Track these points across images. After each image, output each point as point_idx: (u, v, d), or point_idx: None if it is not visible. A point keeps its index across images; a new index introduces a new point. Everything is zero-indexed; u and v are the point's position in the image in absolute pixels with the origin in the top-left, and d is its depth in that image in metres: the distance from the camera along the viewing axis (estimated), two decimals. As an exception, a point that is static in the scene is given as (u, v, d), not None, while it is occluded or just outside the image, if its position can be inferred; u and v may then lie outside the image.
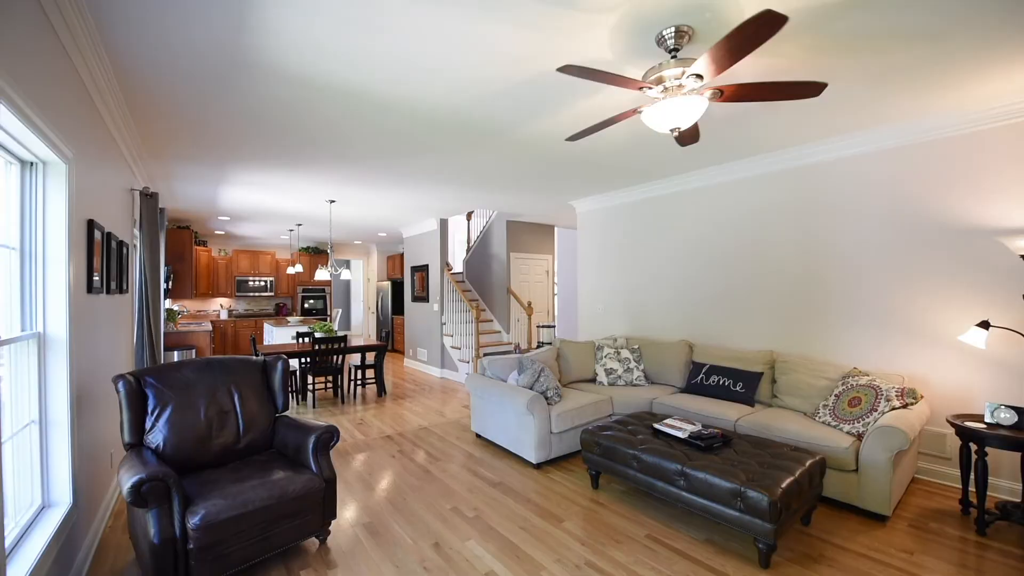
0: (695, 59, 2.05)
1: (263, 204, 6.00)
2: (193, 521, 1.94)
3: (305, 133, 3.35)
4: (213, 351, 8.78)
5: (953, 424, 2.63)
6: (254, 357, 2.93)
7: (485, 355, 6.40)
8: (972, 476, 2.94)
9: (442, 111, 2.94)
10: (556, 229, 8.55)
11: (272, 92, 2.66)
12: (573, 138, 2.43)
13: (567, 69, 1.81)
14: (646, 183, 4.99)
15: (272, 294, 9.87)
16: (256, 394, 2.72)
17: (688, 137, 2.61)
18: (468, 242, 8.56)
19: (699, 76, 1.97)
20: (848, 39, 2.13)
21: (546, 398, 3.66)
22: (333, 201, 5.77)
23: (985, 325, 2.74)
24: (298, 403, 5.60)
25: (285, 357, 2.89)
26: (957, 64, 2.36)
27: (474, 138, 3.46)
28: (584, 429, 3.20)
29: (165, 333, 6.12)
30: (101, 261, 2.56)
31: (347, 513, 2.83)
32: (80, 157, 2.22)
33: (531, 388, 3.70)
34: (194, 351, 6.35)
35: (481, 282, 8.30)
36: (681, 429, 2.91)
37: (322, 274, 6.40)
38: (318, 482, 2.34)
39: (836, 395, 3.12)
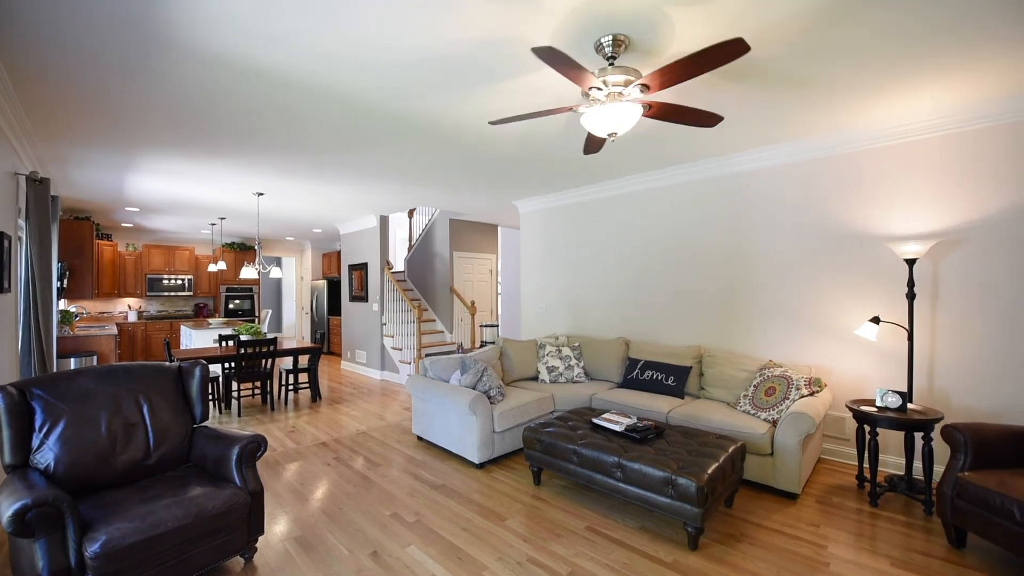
0: (635, 68, 2.14)
1: (180, 195, 5.48)
2: (92, 549, 1.73)
3: (228, 120, 3.10)
4: (119, 357, 7.90)
5: (850, 408, 2.95)
6: (168, 363, 2.66)
7: (427, 356, 6.29)
8: (866, 454, 3.32)
9: (376, 101, 2.84)
10: (500, 229, 8.58)
11: (190, 74, 2.43)
12: (498, 122, 2.42)
13: (541, 51, 1.77)
14: (585, 186, 5.14)
15: (191, 294, 9.05)
16: (170, 404, 2.48)
17: (595, 146, 2.73)
18: (410, 240, 8.36)
19: (646, 86, 2.06)
20: (760, 65, 2.33)
21: (489, 397, 3.65)
22: (261, 194, 5.39)
23: (876, 320, 3.10)
24: (221, 412, 5.18)
25: (204, 362, 2.65)
26: (851, 91, 2.65)
27: (412, 131, 3.38)
28: (527, 427, 3.23)
29: (59, 338, 5.41)
30: (-27, 256, 2.20)
31: (277, 528, 2.65)
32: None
33: (474, 388, 3.67)
34: (95, 358, 5.67)
35: (423, 281, 8.14)
36: (618, 423, 3.02)
37: (249, 272, 5.95)
38: (243, 496, 2.17)
39: (755, 386, 3.39)
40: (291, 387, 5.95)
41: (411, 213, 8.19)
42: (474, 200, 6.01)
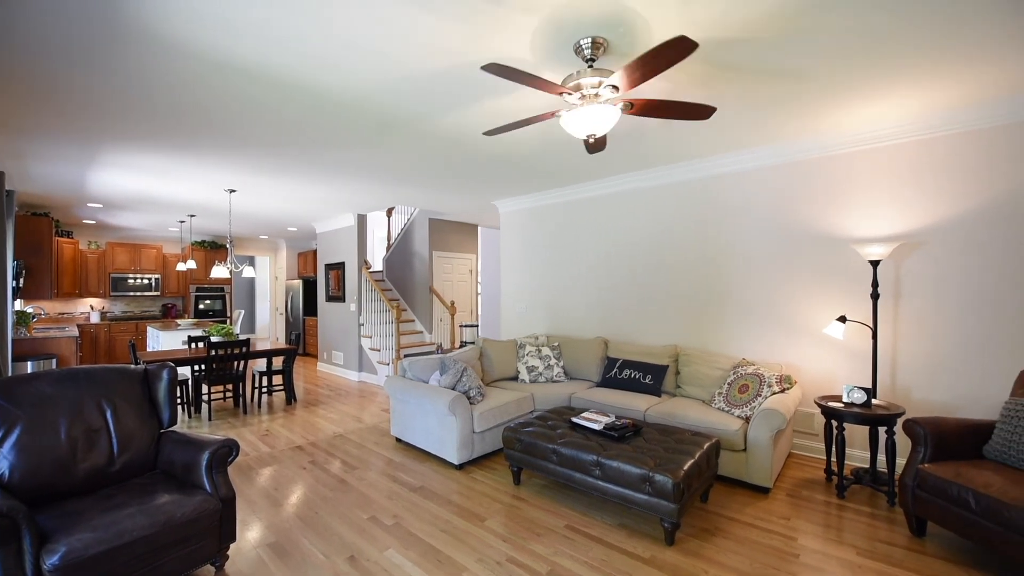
0: (611, 70, 2.16)
1: (147, 191, 5.27)
2: (51, 561, 1.65)
3: (201, 114, 3.00)
4: (81, 360, 7.57)
5: (819, 404, 3.05)
6: (133, 366, 2.56)
7: (406, 356, 6.22)
8: (834, 448, 3.44)
9: (357, 99, 2.79)
10: (480, 228, 8.56)
11: (157, 65, 2.34)
12: (491, 133, 2.43)
13: (490, 67, 1.81)
14: (565, 187, 5.17)
15: (158, 294, 8.72)
16: (135, 408, 2.38)
17: (597, 145, 2.76)
18: (389, 239, 8.26)
19: (615, 87, 2.08)
20: (731, 71, 2.39)
21: (469, 398, 3.64)
22: (234, 191, 5.24)
23: (843, 319, 3.21)
24: (190, 416, 5.01)
25: (172, 365, 2.56)
26: (820, 98, 2.74)
27: (392, 130, 3.34)
28: (506, 427, 3.23)
29: (14, 340, 5.14)
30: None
31: (249, 534, 2.58)
32: None
33: (453, 388, 3.65)
34: (54, 361, 5.41)
35: (402, 281, 8.05)
36: (597, 421, 3.05)
37: (220, 271, 5.77)
38: (213, 503, 2.11)
39: (729, 383, 3.47)
40: (265, 390, 5.80)
41: (390, 212, 8.09)
42: (454, 200, 5.98)
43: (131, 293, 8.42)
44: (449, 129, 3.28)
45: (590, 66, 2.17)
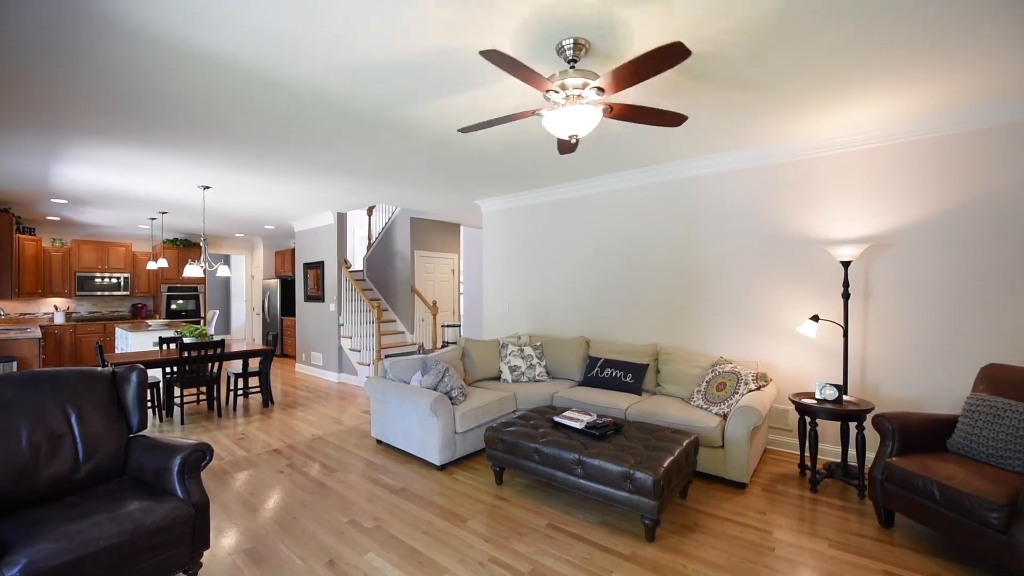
0: (592, 71, 2.18)
1: (115, 187, 5.08)
2: (11, 573, 1.57)
3: (172, 107, 2.90)
4: (44, 363, 7.26)
5: (793, 401, 3.14)
6: (100, 368, 2.46)
7: (387, 357, 6.15)
8: (807, 443, 3.54)
9: (334, 96, 2.74)
10: (462, 228, 8.52)
11: (128, 55, 2.26)
12: (466, 130, 2.41)
13: (490, 54, 1.76)
14: (547, 187, 5.19)
15: (127, 293, 8.41)
16: (102, 412, 2.29)
17: (569, 147, 2.78)
18: (369, 238, 8.15)
19: (601, 89, 2.10)
20: (705, 79, 2.43)
21: (451, 398, 3.62)
22: (208, 187, 5.09)
23: (816, 318, 3.31)
24: (162, 420, 4.85)
25: (141, 367, 2.47)
26: (792, 104, 2.82)
27: (371, 126, 3.29)
28: (488, 427, 3.22)
29: (-29, 342, 4.89)
30: None
31: (225, 540, 2.51)
32: None
33: (435, 389, 3.63)
34: (15, 364, 5.17)
35: (383, 281, 7.95)
36: (578, 420, 3.07)
37: (193, 270, 5.60)
38: (185, 509, 2.04)
39: (707, 381, 3.54)
40: (240, 392, 5.65)
41: (370, 211, 7.99)
42: (436, 199, 5.93)
43: (98, 293, 8.10)
44: (429, 126, 3.25)
45: (572, 67, 2.18)
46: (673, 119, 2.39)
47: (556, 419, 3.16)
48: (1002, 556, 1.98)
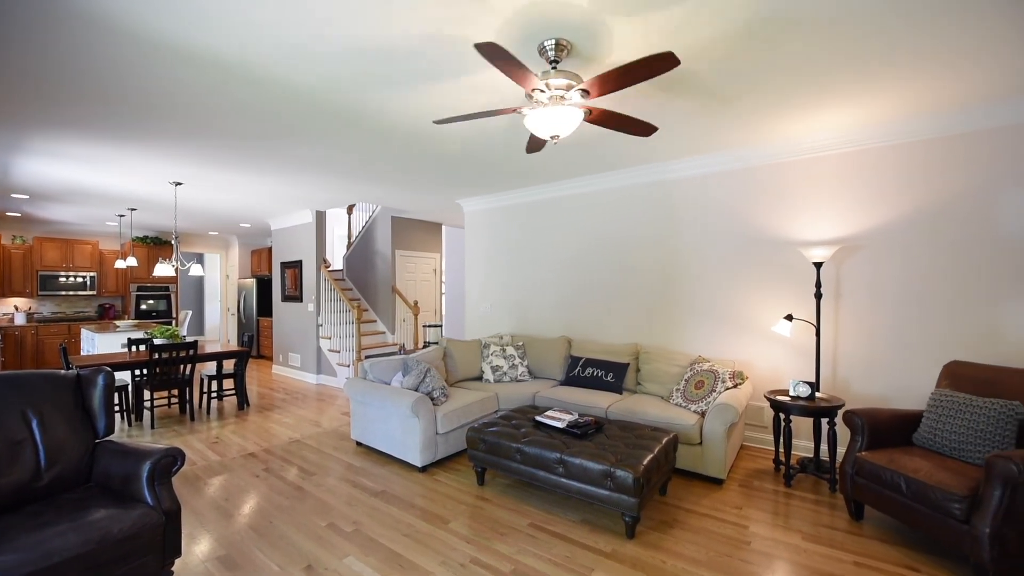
0: (576, 73, 2.19)
1: (81, 182, 4.87)
2: (-37, 589, 1.49)
3: (142, 100, 2.80)
4: (3, 365, 6.95)
5: (768, 398, 3.21)
6: (64, 371, 2.36)
7: (367, 358, 6.06)
8: (781, 439, 3.63)
9: (310, 89, 2.69)
10: (444, 227, 8.46)
11: (94, 46, 2.17)
12: (442, 122, 2.39)
13: (484, 46, 1.73)
14: (529, 187, 5.19)
15: (94, 293, 8.09)
16: (65, 417, 2.20)
17: (537, 146, 2.79)
18: (349, 237, 8.03)
19: (586, 92, 2.11)
20: (680, 84, 2.48)
21: (432, 399, 3.59)
22: (180, 183, 4.93)
23: (790, 318, 3.40)
24: (131, 424, 4.68)
25: (108, 369, 2.38)
26: (765, 110, 2.89)
27: (350, 124, 3.24)
28: (470, 427, 3.21)
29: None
30: None
31: (197, 548, 2.43)
32: None
33: (416, 390, 3.59)
34: (-29, 367, 4.91)
35: (364, 280, 7.84)
36: (560, 419, 3.08)
37: (165, 269, 5.42)
38: (155, 517, 1.97)
39: (686, 380, 3.60)
40: (215, 395, 5.49)
41: (350, 209, 7.86)
42: (417, 198, 5.88)
43: (63, 292, 7.77)
44: (406, 121, 3.20)
45: (553, 67, 2.18)
46: (644, 129, 2.46)
47: (538, 419, 3.17)
48: (964, 545, 2.06)
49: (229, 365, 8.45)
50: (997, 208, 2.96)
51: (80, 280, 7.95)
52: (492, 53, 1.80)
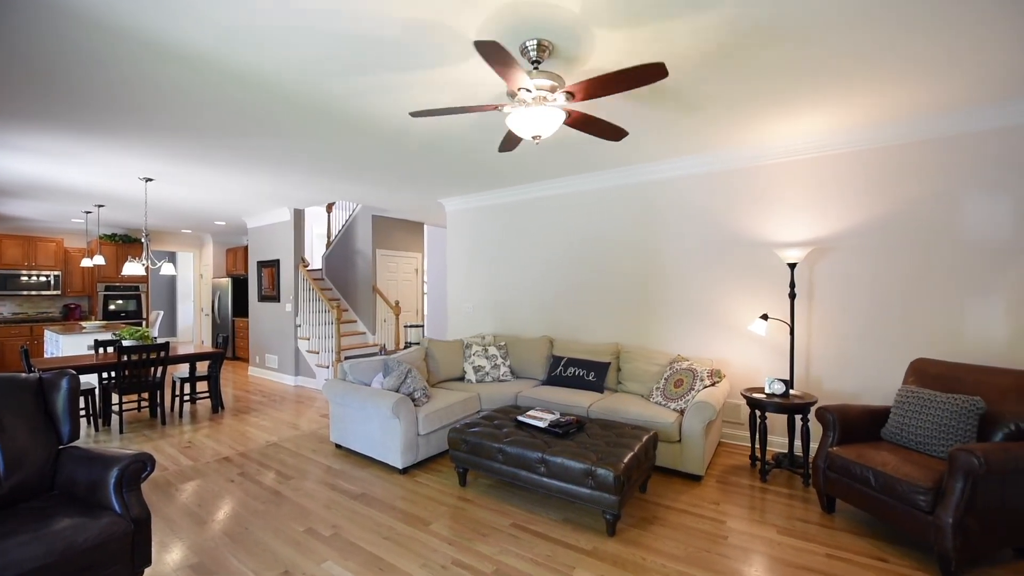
0: (558, 75, 2.19)
1: (44, 177, 4.67)
2: (-88, 606, 1.41)
3: (108, 91, 2.69)
4: (-42, 370, 6.60)
5: (744, 396, 3.29)
6: (25, 374, 2.25)
7: (347, 358, 5.98)
8: (757, 436, 3.72)
9: (285, 82, 2.62)
10: (426, 227, 8.40)
11: (69, 38, 2.08)
12: (418, 114, 2.35)
13: (485, 45, 1.71)
14: (511, 187, 5.20)
15: (58, 292, 7.77)
16: (27, 422, 2.10)
17: (510, 145, 2.80)
18: (328, 236, 7.89)
19: (572, 94, 2.12)
20: (658, 89, 2.51)
21: (413, 400, 3.56)
22: (150, 180, 4.77)
23: (765, 317, 3.48)
24: (98, 429, 4.51)
25: (73, 372, 2.28)
26: (744, 113, 2.95)
27: (327, 119, 3.18)
28: (452, 428, 3.19)
29: None
30: None
31: (169, 556, 2.36)
32: None
33: (397, 391, 3.55)
34: (-77, 371, 4.65)
35: (343, 280, 7.72)
36: (542, 419, 3.09)
37: (134, 268, 5.23)
38: (123, 525, 1.90)
39: (666, 378, 3.65)
40: (187, 398, 5.33)
41: (330, 207, 7.73)
42: (398, 197, 5.82)
43: (24, 292, 7.43)
44: (381, 113, 3.13)
45: (535, 67, 2.19)
46: (615, 133, 2.51)
47: (520, 418, 3.17)
48: (929, 535, 2.15)
49: (203, 367, 8.22)
50: (958, 212, 3.09)
51: (44, 279, 7.61)
52: (492, 52, 1.78)
